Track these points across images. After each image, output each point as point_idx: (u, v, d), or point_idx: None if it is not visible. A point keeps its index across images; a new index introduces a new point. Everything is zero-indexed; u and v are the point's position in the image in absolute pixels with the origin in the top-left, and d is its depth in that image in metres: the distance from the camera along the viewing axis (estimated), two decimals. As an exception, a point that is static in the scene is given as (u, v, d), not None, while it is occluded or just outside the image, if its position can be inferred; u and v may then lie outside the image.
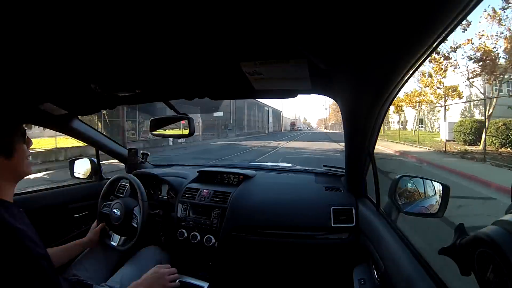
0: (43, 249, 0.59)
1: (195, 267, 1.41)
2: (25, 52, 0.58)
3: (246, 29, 0.49)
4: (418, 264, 0.69)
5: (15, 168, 0.66)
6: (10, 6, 0.40)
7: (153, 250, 1.29)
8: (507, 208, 0.38)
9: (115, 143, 1.71)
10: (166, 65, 0.70)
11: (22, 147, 0.67)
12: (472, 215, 3.40)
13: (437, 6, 0.31)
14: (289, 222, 1.24)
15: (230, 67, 0.67)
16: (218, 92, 0.94)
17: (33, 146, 2.16)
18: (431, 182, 0.94)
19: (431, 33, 0.36)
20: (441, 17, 0.33)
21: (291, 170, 1.76)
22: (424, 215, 0.93)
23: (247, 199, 1.35)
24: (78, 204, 1.52)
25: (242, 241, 1.28)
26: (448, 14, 0.32)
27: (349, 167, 1.23)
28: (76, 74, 0.76)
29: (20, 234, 0.56)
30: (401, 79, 0.54)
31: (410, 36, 0.38)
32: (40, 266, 0.55)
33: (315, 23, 0.41)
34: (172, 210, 1.46)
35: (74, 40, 0.54)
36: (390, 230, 0.90)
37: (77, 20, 0.45)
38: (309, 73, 0.67)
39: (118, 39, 0.54)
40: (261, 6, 0.38)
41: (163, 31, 0.50)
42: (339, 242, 1.19)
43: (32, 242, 0.57)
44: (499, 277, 0.33)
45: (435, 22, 0.34)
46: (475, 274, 0.39)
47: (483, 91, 11.22)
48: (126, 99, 1.01)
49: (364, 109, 0.73)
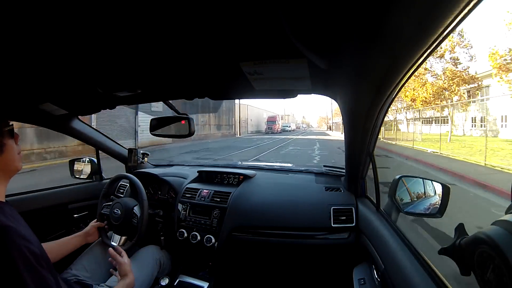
0: (36, 247, 0.59)
1: (195, 267, 1.41)
2: (25, 52, 0.58)
3: (245, 29, 0.49)
4: (418, 264, 0.69)
5: (6, 164, 0.66)
6: (11, 6, 0.40)
7: (153, 250, 1.29)
8: (507, 208, 0.38)
9: (115, 143, 1.71)
10: (166, 65, 0.70)
11: (11, 143, 0.68)
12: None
13: (436, 6, 0.31)
14: (289, 222, 1.24)
15: (230, 67, 0.67)
16: (218, 92, 0.94)
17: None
18: (431, 182, 0.94)
19: (431, 33, 0.36)
20: (441, 16, 0.33)
21: (291, 170, 1.76)
22: (424, 215, 0.93)
23: (247, 199, 1.35)
24: (78, 204, 1.52)
25: (242, 241, 1.28)
26: (448, 14, 0.32)
27: (349, 167, 1.23)
28: (76, 74, 0.76)
29: (11, 231, 0.56)
30: (401, 79, 0.54)
31: (410, 36, 0.38)
32: (31, 264, 0.55)
33: (315, 23, 0.41)
34: (172, 210, 1.46)
35: (74, 41, 0.54)
36: (390, 230, 0.90)
37: (77, 20, 0.45)
38: (309, 73, 0.67)
39: (119, 39, 0.54)
40: (261, 6, 0.38)
41: (163, 31, 0.50)
42: (339, 242, 1.19)
43: (23, 239, 0.57)
44: (499, 277, 0.33)
45: (435, 21, 0.34)
46: (475, 274, 0.39)
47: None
48: (126, 99, 1.01)
49: (364, 109, 0.73)
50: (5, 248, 0.53)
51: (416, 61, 0.45)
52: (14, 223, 0.60)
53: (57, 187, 1.50)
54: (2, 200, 0.66)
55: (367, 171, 1.18)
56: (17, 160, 0.70)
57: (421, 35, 0.37)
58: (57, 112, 1.13)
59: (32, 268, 0.55)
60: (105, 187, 1.38)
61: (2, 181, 0.67)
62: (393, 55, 0.44)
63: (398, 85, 0.58)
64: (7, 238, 0.55)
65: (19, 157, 0.71)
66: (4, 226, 0.56)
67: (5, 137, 0.66)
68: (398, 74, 0.51)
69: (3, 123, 0.66)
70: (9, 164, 0.67)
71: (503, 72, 9.43)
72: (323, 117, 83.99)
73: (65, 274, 1.02)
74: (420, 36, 0.37)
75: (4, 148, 0.65)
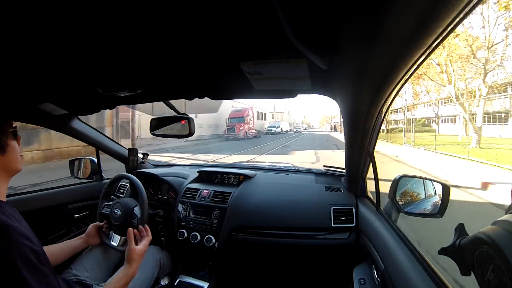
0: (37, 246, 0.59)
1: (195, 267, 1.41)
2: (25, 52, 0.58)
3: (245, 29, 0.49)
4: (418, 264, 0.69)
5: (7, 164, 0.67)
6: (12, 6, 0.40)
7: (153, 250, 1.29)
8: (507, 208, 0.38)
9: (115, 143, 1.71)
10: (166, 65, 0.70)
11: (14, 144, 0.69)
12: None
13: (436, 6, 0.31)
14: (289, 222, 1.24)
15: (230, 67, 0.67)
16: (218, 92, 0.94)
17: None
18: (431, 182, 0.94)
19: (431, 33, 0.36)
20: (441, 16, 0.33)
21: (291, 170, 1.76)
22: (424, 215, 0.93)
23: (247, 199, 1.35)
24: (78, 204, 1.52)
25: (242, 241, 1.28)
26: (448, 14, 0.32)
27: (349, 167, 1.23)
28: (77, 74, 0.76)
29: (12, 230, 0.57)
30: (401, 79, 0.54)
31: (410, 36, 0.38)
32: (32, 262, 0.55)
33: (315, 23, 0.41)
34: (172, 210, 1.46)
35: (75, 41, 0.54)
36: (390, 230, 0.90)
37: (78, 20, 0.45)
38: (309, 73, 0.67)
39: (119, 39, 0.54)
40: (261, 6, 0.38)
41: (163, 31, 0.50)
42: (339, 242, 1.19)
43: (24, 238, 0.57)
44: (499, 277, 0.33)
45: (435, 21, 0.34)
46: (475, 274, 0.39)
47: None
48: (126, 99, 1.01)
49: (364, 109, 0.73)
50: (5, 246, 0.54)
51: (416, 61, 0.45)
52: (15, 222, 0.60)
53: (57, 187, 1.50)
54: (3, 200, 0.66)
55: (367, 171, 1.18)
56: (18, 161, 0.70)
57: (421, 35, 0.37)
58: (57, 112, 1.13)
59: (33, 266, 0.55)
60: (105, 187, 1.38)
61: (3, 181, 0.68)
62: (393, 55, 0.44)
63: (398, 85, 0.58)
64: (7, 236, 0.55)
65: (21, 158, 0.72)
66: (5, 225, 0.57)
67: (8, 138, 0.67)
68: (398, 74, 0.51)
69: (7, 124, 0.67)
70: (10, 164, 0.68)
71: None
72: (326, 116, 73.65)
73: (65, 274, 1.02)
74: (420, 36, 0.37)
75: (7, 148, 0.66)
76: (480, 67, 8.51)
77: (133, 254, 0.92)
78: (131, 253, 0.92)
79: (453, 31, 0.38)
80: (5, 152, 0.66)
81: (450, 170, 5.68)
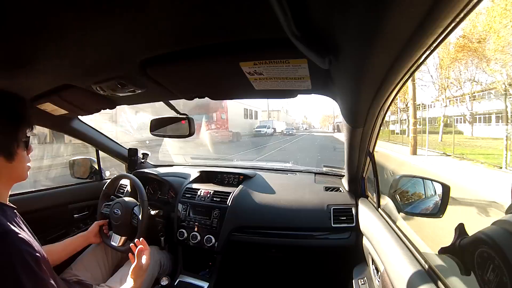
0: (37, 251, 0.59)
1: (195, 267, 1.41)
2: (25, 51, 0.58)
3: (245, 29, 0.49)
4: (418, 264, 0.69)
5: (13, 172, 0.67)
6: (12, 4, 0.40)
7: (153, 250, 1.29)
8: (507, 208, 0.38)
9: (115, 143, 1.71)
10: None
11: (23, 154, 0.69)
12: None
13: (436, 6, 0.31)
14: (289, 222, 1.24)
15: (230, 67, 0.67)
16: (218, 92, 0.94)
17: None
18: (431, 182, 0.94)
19: (431, 33, 0.36)
20: (441, 17, 0.33)
21: (291, 170, 1.76)
22: (424, 215, 0.93)
23: (247, 199, 1.35)
24: (78, 204, 1.52)
25: (242, 241, 1.28)
26: (448, 14, 0.32)
27: (349, 167, 1.23)
28: (76, 74, 0.76)
29: (12, 235, 0.57)
30: (401, 79, 0.54)
31: (410, 36, 0.38)
32: (31, 268, 0.55)
33: (315, 23, 0.41)
34: (172, 210, 1.46)
35: (75, 40, 0.54)
36: (390, 230, 0.90)
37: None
38: (309, 73, 0.67)
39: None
40: (261, 6, 0.38)
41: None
42: (339, 242, 1.19)
43: (24, 243, 0.57)
44: (499, 277, 0.33)
45: (435, 21, 0.34)
46: (475, 274, 0.39)
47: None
48: (126, 99, 1.01)
49: (364, 109, 0.73)
50: (6, 252, 0.54)
51: (416, 61, 0.45)
52: (16, 228, 0.60)
53: (57, 187, 1.50)
54: (4, 203, 0.66)
55: (367, 171, 1.18)
56: (25, 170, 0.70)
57: (421, 35, 0.37)
58: (57, 112, 1.13)
59: (33, 273, 0.55)
60: (105, 187, 1.38)
61: (6, 187, 0.68)
62: (393, 55, 0.43)
63: (398, 85, 0.58)
64: (8, 243, 0.55)
65: (28, 168, 0.71)
66: (6, 231, 0.57)
67: (20, 147, 0.66)
68: (398, 74, 0.51)
69: (21, 133, 0.67)
70: (17, 173, 0.68)
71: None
72: (328, 115, 68.00)
73: (65, 274, 1.02)
74: (420, 36, 0.37)
75: (16, 157, 0.66)
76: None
77: (139, 271, 0.90)
78: (137, 270, 0.90)
79: (453, 31, 0.38)
80: (13, 161, 0.65)
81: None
